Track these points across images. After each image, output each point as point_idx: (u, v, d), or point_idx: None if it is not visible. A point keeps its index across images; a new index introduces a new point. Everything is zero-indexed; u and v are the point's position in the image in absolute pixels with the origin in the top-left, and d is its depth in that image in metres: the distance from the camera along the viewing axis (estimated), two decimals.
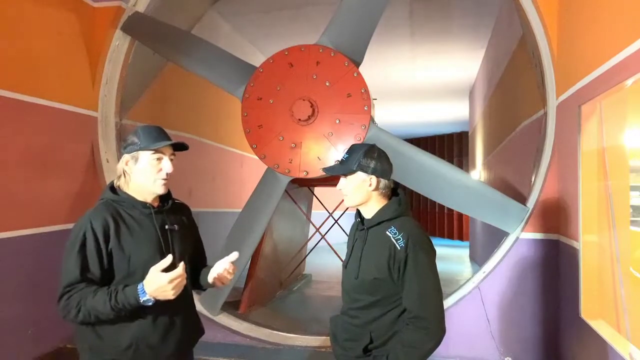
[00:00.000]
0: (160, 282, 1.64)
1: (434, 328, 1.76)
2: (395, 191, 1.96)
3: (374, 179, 1.86)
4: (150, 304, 1.68)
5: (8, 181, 3.45)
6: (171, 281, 1.64)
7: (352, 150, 1.92)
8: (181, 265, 1.69)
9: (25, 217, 3.61)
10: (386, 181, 1.90)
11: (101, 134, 4.34)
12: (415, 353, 1.75)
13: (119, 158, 4.72)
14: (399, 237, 1.79)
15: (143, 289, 1.66)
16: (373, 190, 1.88)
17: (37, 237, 3.67)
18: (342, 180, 1.92)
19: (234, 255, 1.89)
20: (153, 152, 1.83)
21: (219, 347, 3.97)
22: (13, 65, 3.51)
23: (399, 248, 1.77)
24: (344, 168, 1.89)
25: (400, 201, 1.91)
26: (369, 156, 1.86)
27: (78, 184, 4.10)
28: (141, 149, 1.82)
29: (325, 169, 2.05)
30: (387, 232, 1.82)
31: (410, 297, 1.78)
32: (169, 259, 1.67)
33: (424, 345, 1.75)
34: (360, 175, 1.87)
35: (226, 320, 4.24)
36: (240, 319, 4.34)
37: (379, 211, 1.90)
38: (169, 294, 1.66)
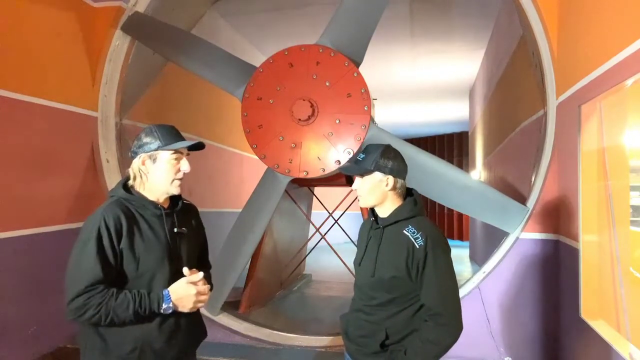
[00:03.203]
0: (188, 292, 1.74)
1: (454, 324, 1.80)
2: (409, 191, 1.97)
3: (390, 179, 1.88)
4: (169, 312, 1.72)
5: (8, 181, 3.45)
6: (198, 294, 1.77)
7: (368, 150, 1.92)
8: (208, 286, 1.82)
9: (25, 217, 3.60)
10: (402, 181, 1.92)
11: (101, 134, 4.34)
12: (434, 349, 1.78)
13: (119, 158, 4.73)
14: (418, 236, 1.81)
15: (169, 295, 1.72)
16: (390, 190, 1.89)
17: (37, 237, 3.67)
18: (358, 180, 1.93)
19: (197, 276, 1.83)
20: (173, 152, 1.81)
21: (219, 347, 3.97)
22: (13, 66, 3.51)
23: (417, 247, 1.79)
24: (360, 168, 1.90)
25: (415, 201, 1.93)
26: (385, 156, 1.87)
27: (78, 184, 4.09)
28: (161, 148, 1.79)
29: (341, 169, 2.06)
30: (405, 231, 1.83)
31: (430, 294, 1.81)
32: (200, 275, 1.79)
33: (444, 341, 1.78)
34: (377, 175, 1.88)
35: (226, 320, 4.24)
36: (240, 319, 4.34)
37: (395, 210, 1.91)
38: (188, 306, 1.76)
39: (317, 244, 6.67)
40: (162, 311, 1.70)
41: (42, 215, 3.74)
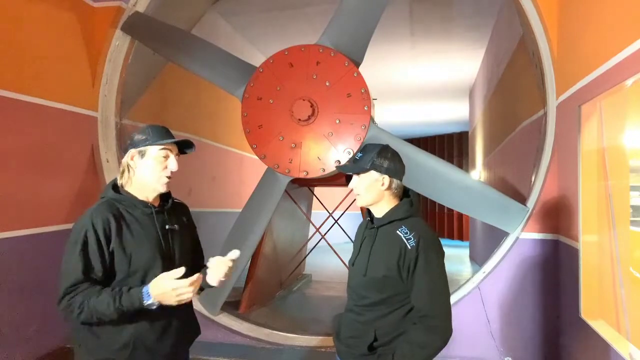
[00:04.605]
0: (165, 288, 1.66)
1: (443, 327, 1.77)
2: (406, 192, 1.97)
3: (386, 178, 1.87)
4: (154, 307, 1.69)
5: (8, 181, 3.45)
6: (175, 289, 1.66)
7: (365, 149, 1.93)
8: (192, 278, 1.69)
9: (25, 217, 3.60)
10: (398, 181, 1.91)
11: (101, 134, 4.34)
12: (423, 352, 1.76)
13: (119, 158, 4.75)
14: (410, 236, 1.80)
15: (148, 292, 1.67)
16: (385, 190, 1.89)
17: (37, 237, 3.67)
18: (355, 178, 1.93)
19: (235, 254, 1.87)
20: (161, 148, 1.83)
21: (219, 347, 3.97)
22: (13, 65, 3.51)
23: (409, 247, 1.78)
24: (357, 167, 1.90)
25: (412, 202, 1.92)
26: (382, 156, 1.87)
27: (78, 184, 4.10)
28: (150, 144, 1.81)
29: (339, 167, 2.07)
30: (398, 232, 1.83)
31: (420, 296, 1.79)
32: (180, 270, 1.68)
33: (432, 344, 1.76)
34: (373, 174, 1.88)
35: (226, 320, 4.24)
36: (240, 319, 4.34)
37: (390, 210, 1.91)
38: (171, 301, 1.68)
39: (317, 244, 6.67)
40: (146, 307, 1.68)
41: (42, 215, 3.75)
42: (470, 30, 7.29)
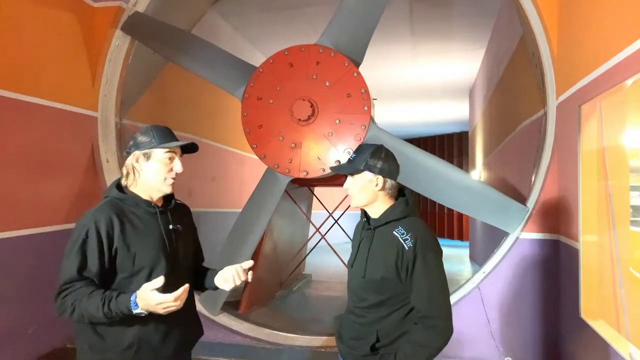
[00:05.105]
0: (149, 302, 1.60)
1: (443, 327, 1.77)
2: (402, 191, 1.96)
3: (380, 179, 1.86)
4: (143, 315, 1.65)
5: (8, 181, 3.45)
6: (160, 304, 1.60)
7: (359, 150, 1.92)
8: (177, 292, 1.62)
9: (25, 217, 3.60)
10: (393, 181, 1.90)
11: (101, 134, 4.34)
12: (424, 352, 1.76)
13: (119, 158, 4.74)
14: (407, 237, 1.79)
15: (135, 302, 1.63)
16: (380, 191, 1.88)
17: (37, 237, 3.67)
18: (349, 179, 1.92)
19: (249, 263, 1.95)
20: (166, 151, 1.83)
21: (219, 347, 3.97)
22: (13, 65, 3.51)
23: (407, 248, 1.78)
24: (351, 167, 1.90)
25: (407, 201, 1.91)
26: (376, 156, 1.86)
27: (78, 184, 4.10)
28: (155, 146, 1.81)
29: (332, 168, 2.06)
30: (395, 232, 1.82)
31: (419, 296, 1.79)
32: (160, 280, 1.61)
33: (433, 344, 1.76)
34: (367, 175, 1.87)
35: (226, 320, 4.24)
36: (240, 319, 4.34)
37: (386, 211, 1.90)
38: (159, 312, 1.63)
39: (317, 244, 6.67)
40: (135, 315, 1.64)
41: (42, 215, 3.74)
42: (470, 30, 7.29)
